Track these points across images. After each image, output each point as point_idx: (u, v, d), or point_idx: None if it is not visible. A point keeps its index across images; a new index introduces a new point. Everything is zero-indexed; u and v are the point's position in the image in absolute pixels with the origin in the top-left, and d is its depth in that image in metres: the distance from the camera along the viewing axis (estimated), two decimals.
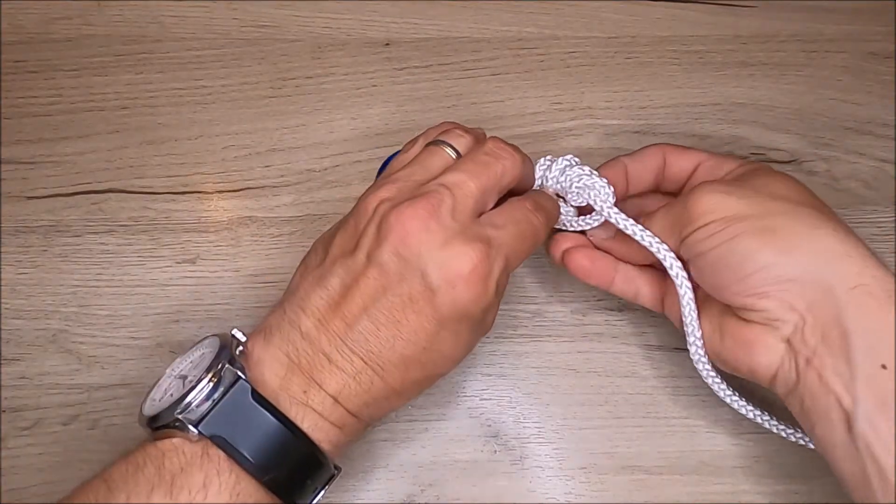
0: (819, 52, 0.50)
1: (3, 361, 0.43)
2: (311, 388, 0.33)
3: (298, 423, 0.33)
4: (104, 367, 0.43)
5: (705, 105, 0.49)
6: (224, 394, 0.32)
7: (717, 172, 0.39)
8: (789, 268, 0.33)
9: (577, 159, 0.40)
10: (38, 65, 0.49)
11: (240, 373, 0.32)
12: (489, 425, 0.42)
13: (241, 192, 0.47)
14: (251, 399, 0.32)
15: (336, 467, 0.34)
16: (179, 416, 0.31)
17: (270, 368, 0.34)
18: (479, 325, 0.35)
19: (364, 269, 0.34)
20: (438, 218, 0.33)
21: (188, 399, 0.31)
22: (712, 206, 0.35)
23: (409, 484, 0.41)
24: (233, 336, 0.34)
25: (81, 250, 0.45)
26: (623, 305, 0.44)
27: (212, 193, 0.47)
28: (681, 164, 0.40)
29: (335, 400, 0.33)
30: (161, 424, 0.32)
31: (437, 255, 0.33)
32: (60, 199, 0.46)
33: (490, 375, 0.43)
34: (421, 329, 0.33)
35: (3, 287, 0.44)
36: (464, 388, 0.43)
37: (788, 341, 0.34)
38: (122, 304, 0.44)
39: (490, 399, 0.43)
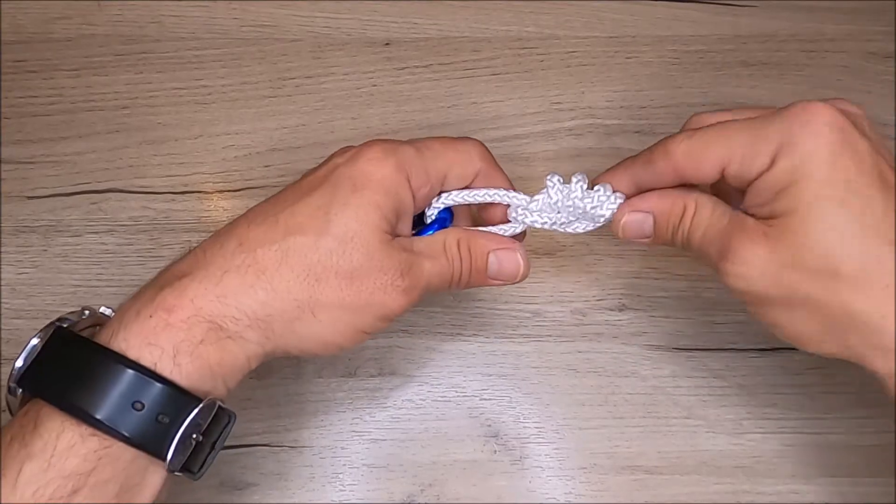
0: (819, 52, 0.50)
1: (2, 361, 0.42)
2: (142, 292, 0.31)
3: (107, 340, 0.30)
4: None
5: (705, 105, 0.48)
6: (43, 348, 0.30)
7: (750, 168, 0.32)
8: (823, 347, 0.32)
9: (583, 178, 0.37)
10: (38, 65, 0.49)
11: (59, 323, 0.31)
12: (489, 425, 0.42)
13: (241, 191, 0.47)
14: (59, 340, 0.31)
15: (190, 392, 0.30)
16: (11, 384, 0.30)
17: (118, 308, 0.32)
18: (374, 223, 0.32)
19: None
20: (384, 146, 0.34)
21: (14, 364, 0.30)
22: (743, 282, 0.32)
23: (409, 484, 0.41)
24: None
25: (81, 250, 0.45)
26: (623, 305, 0.44)
27: (212, 193, 0.46)
28: (700, 177, 0.34)
29: (173, 289, 0.30)
30: (9, 405, 0.31)
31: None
32: (60, 199, 0.46)
33: (490, 375, 0.43)
34: (307, 192, 0.33)
35: (3, 287, 0.44)
36: (464, 388, 0.43)
37: None
38: None
39: (490, 399, 0.43)
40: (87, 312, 0.32)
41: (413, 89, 0.49)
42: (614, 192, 0.37)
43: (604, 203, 0.36)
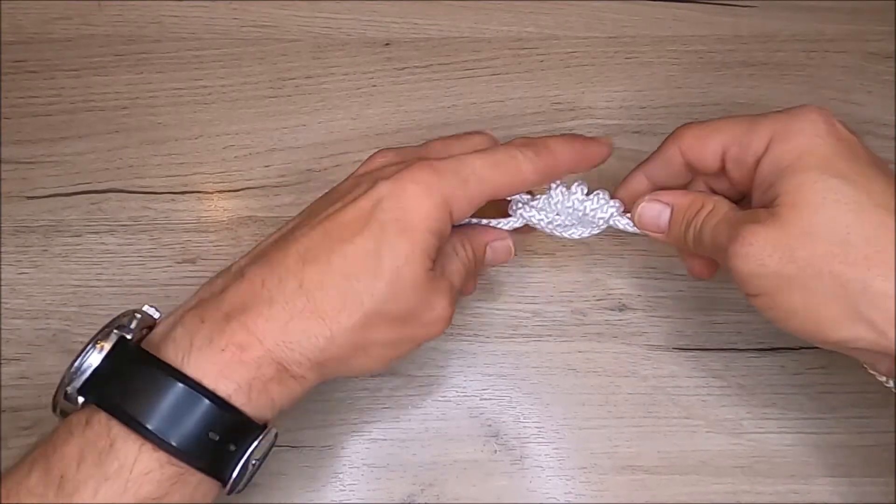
0: (819, 52, 0.50)
1: (3, 361, 0.42)
2: (207, 315, 0.31)
3: (179, 362, 0.30)
4: None
5: (705, 105, 0.49)
6: (106, 356, 0.31)
7: (747, 150, 0.34)
8: (850, 332, 0.31)
9: (583, 184, 0.38)
10: (38, 65, 0.49)
11: (122, 332, 0.31)
12: (489, 425, 0.42)
13: (241, 192, 0.47)
14: (132, 354, 0.31)
15: (256, 422, 0.31)
16: (67, 389, 0.30)
17: (170, 319, 0.32)
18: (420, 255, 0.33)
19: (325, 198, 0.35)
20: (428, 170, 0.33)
21: (72, 368, 0.31)
22: (755, 262, 0.32)
23: (409, 484, 0.41)
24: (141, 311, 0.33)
25: (81, 250, 0.45)
26: (623, 305, 0.44)
27: (212, 193, 0.47)
28: (704, 162, 0.36)
29: (242, 324, 0.31)
30: (56, 404, 0.31)
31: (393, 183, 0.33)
32: (60, 199, 0.46)
33: (490, 375, 0.43)
34: (354, 233, 0.32)
35: (3, 287, 0.44)
36: (464, 388, 0.43)
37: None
38: (122, 305, 0.43)
39: (490, 399, 0.43)
40: (138, 317, 0.33)
41: (413, 89, 0.49)
42: (612, 197, 0.38)
43: (602, 206, 0.38)
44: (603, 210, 0.38)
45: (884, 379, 0.35)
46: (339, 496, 0.41)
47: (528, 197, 0.38)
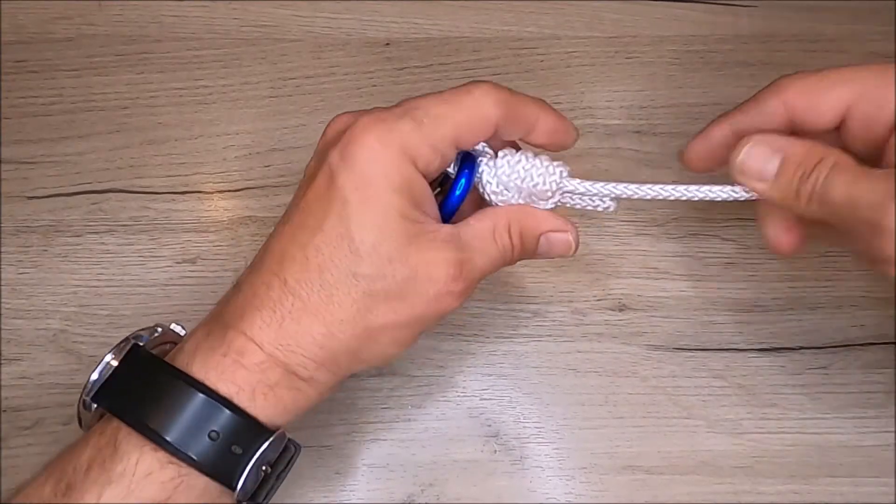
0: (819, 52, 0.50)
1: (3, 361, 0.43)
2: (211, 328, 0.31)
3: (184, 367, 0.30)
4: None
5: (705, 105, 0.48)
6: (120, 365, 0.31)
7: (879, 109, 0.30)
8: None
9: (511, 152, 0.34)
10: (38, 65, 0.49)
11: (136, 341, 0.31)
12: (489, 425, 0.42)
13: (241, 191, 0.47)
14: (142, 361, 0.31)
15: (265, 426, 0.30)
16: (85, 398, 0.31)
17: (191, 333, 0.32)
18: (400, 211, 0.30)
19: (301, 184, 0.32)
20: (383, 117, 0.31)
21: (89, 379, 0.31)
22: None
23: (409, 484, 0.41)
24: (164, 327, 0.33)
25: (82, 250, 0.45)
26: (623, 305, 0.44)
27: (212, 193, 0.47)
28: (818, 118, 0.31)
29: (240, 332, 0.30)
30: (80, 417, 0.31)
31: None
32: (61, 199, 0.46)
33: (490, 375, 0.43)
34: (317, 207, 0.30)
35: (3, 287, 0.44)
36: (464, 388, 0.43)
37: None
38: (122, 304, 0.44)
39: (490, 399, 0.43)
40: (159, 329, 0.33)
41: (413, 89, 0.49)
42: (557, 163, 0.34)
43: (546, 170, 0.34)
44: (548, 178, 0.33)
45: None
46: (339, 496, 0.41)
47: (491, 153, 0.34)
